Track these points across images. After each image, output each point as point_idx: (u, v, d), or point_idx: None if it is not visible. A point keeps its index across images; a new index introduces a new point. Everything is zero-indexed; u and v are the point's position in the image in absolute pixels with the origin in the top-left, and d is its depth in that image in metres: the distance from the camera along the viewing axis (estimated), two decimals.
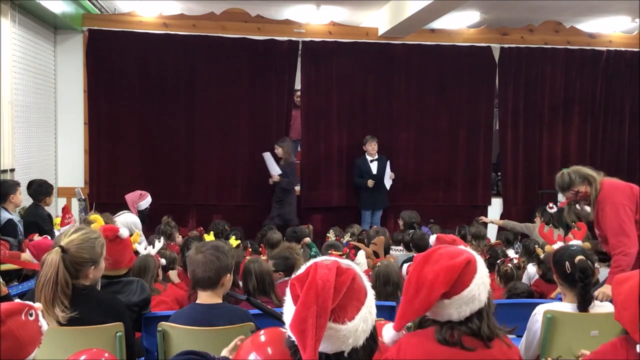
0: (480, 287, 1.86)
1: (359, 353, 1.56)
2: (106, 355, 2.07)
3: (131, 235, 3.43)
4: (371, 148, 8.08)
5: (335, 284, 1.48)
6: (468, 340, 1.85)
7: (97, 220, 3.43)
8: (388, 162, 8.11)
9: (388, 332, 1.92)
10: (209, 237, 4.67)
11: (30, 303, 1.72)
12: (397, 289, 3.74)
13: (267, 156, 7.84)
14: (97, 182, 8.04)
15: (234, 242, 5.12)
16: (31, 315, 1.68)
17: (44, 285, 2.47)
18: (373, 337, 1.60)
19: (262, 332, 1.82)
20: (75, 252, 2.56)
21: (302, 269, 1.57)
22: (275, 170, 7.77)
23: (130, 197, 6.03)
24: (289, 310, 1.55)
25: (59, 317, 2.46)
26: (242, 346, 1.81)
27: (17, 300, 1.79)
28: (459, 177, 8.66)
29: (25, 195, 5.99)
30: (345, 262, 1.61)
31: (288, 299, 1.57)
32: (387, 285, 3.79)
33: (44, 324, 1.73)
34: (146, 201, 6.06)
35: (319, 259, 1.60)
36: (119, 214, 5.65)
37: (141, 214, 5.91)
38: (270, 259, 4.26)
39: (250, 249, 5.01)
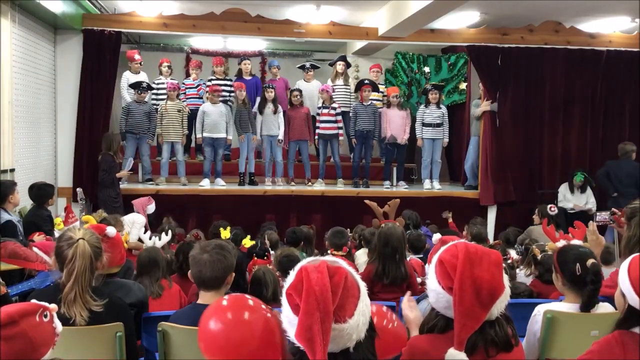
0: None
1: (362, 345, 1.59)
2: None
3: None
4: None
5: (331, 286, 1.50)
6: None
7: (90, 220, 3.44)
8: None
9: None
10: (225, 233, 4.69)
11: (45, 304, 1.70)
12: (396, 252, 3.96)
13: None
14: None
15: (248, 242, 5.10)
16: (45, 316, 1.66)
17: (79, 276, 2.49)
18: (371, 326, 1.63)
19: (225, 297, 1.83)
20: (93, 242, 2.58)
21: (292, 275, 1.58)
22: None
23: (139, 201, 6.16)
24: (288, 319, 1.56)
25: (92, 306, 2.49)
26: (205, 312, 1.81)
27: (33, 301, 1.75)
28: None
29: (25, 196, 5.97)
30: (331, 259, 1.62)
31: (286, 308, 1.57)
32: (386, 247, 3.99)
33: (58, 325, 1.71)
34: (152, 205, 6.22)
35: (305, 261, 1.61)
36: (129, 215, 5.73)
37: (149, 217, 6.01)
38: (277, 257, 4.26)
39: (255, 257, 4.93)
